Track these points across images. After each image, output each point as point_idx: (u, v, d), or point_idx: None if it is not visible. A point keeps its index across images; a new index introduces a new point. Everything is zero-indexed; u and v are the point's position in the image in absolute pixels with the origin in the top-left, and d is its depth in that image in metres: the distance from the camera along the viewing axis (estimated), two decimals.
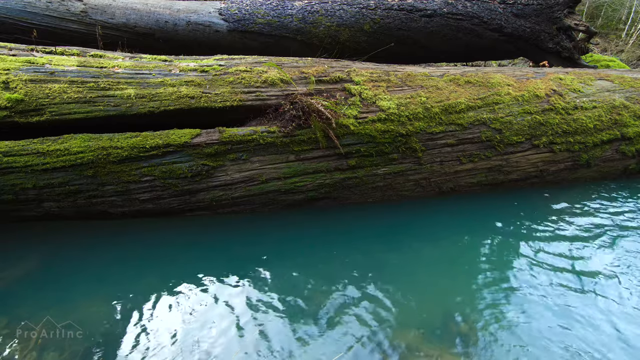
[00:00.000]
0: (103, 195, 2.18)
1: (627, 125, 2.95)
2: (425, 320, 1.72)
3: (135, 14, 3.72)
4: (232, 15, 3.83)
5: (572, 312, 1.79)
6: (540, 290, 1.92)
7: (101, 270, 2.02)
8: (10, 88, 2.07)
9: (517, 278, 2.00)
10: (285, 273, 2.01)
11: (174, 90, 2.29)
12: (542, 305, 1.83)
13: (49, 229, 2.30)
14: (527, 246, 2.26)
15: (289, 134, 2.33)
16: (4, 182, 2.03)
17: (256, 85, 2.42)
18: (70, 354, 1.53)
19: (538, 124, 2.74)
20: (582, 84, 3.05)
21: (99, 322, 1.68)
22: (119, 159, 2.13)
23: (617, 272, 2.06)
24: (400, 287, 1.92)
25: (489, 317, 1.75)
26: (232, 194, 2.34)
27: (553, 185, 2.93)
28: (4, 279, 1.92)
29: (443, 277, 2.02)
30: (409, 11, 3.93)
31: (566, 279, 2.00)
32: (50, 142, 2.08)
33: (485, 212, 2.64)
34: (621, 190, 2.93)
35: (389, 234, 2.39)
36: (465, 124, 2.60)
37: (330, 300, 1.83)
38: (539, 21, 4.01)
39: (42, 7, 3.51)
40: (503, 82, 2.84)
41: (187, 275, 1.98)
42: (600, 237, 2.36)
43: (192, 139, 2.22)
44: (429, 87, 2.68)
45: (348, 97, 2.51)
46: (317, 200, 2.51)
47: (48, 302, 1.79)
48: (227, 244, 2.27)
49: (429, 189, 2.67)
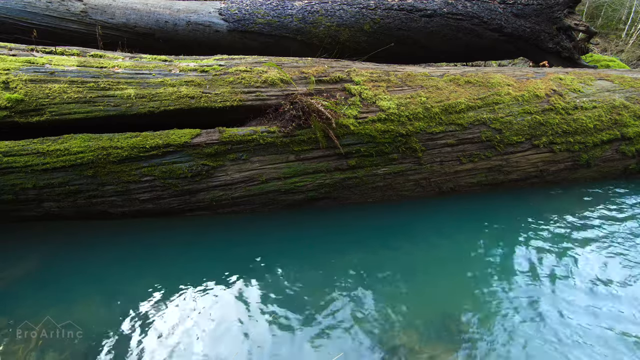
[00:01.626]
0: (103, 195, 2.18)
1: (627, 125, 2.95)
2: (424, 321, 1.72)
3: (135, 14, 3.72)
4: (232, 15, 3.83)
5: (572, 312, 1.79)
6: (541, 290, 1.92)
7: (101, 270, 2.02)
8: (10, 88, 2.07)
9: (517, 278, 2.00)
10: (285, 273, 2.01)
11: (174, 90, 2.29)
12: (542, 305, 1.83)
13: (49, 229, 2.30)
14: (527, 246, 2.26)
15: (289, 134, 2.33)
16: (4, 182, 2.03)
17: (256, 85, 2.42)
18: (70, 354, 1.53)
19: (538, 124, 2.74)
20: (582, 84, 3.05)
21: (99, 322, 1.68)
22: (119, 159, 2.13)
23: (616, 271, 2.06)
24: (400, 287, 1.92)
25: (489, 318, 1.75)
26: (232, 194, 2.34)
27: (553, 185, 2.93)
28: (4, 279, 1.92)
29: (443, 277, 2.02)
30: (409, 11, 3.93)
31: (566, 279, 2.00)
32: (50, 142, 2.08)
33: (485, 212, 2.64)
34: (621, 190, 2.93)
35: (389, 234, 2.39)
36: (465, 124, 2.60)
37: (330, 300, 1.83)
38: (539, 21, 4.00)
39: (42, 7, 3.50)
40: (503, 82, 2.84)
41: (187, 275, 1.98)
42: (600, 237, 2.35)
43: (192, 139, 2.22)
44: (429, 87, 2.68)
45: (348, 97, 2.51)
46: (317, 200, 2.51)
47: (48, 302, 1.79)
48: (227, 244, 2.27)
49: (429, 189, 2.67)
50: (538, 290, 1.92)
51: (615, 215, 2.60)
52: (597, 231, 2.42)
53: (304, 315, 1.74)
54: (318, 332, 1.65)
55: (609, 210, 2.66)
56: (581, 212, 2.63)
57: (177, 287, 1.89)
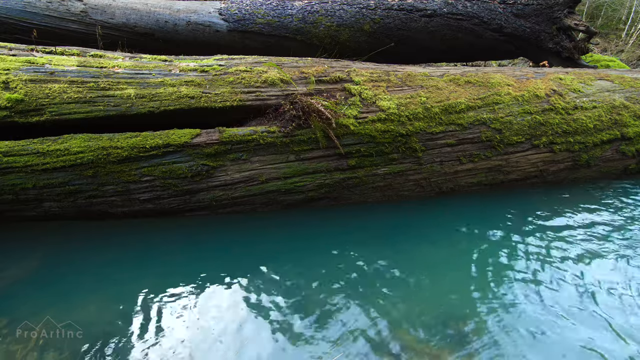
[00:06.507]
0: (103, 195, 2.18)
1: (627, 125, 2.95)
2: (424, 321, 1.72)
3: (135, 14, 3.72)
4: (232, 15, 3.83)
5: (572, 313, 1.79)
6: (541, 290, 1.92)
7: (101, 270, 2.02)
8: (10, 88, 2.07)
9: (517, 278, 2.00)
10: (285, 273, 2.01)
11: (174, 90, 2.29)
12: (543, 305, 1.83)
13: (49, 229, 2.30)
14: (527, 246, 2.26)
15: (289, 134, 2.33)
16: (4, 182, 2.03)
17: (256, 85, 2.42)
18: (70, 354, 1.53)
19: (538, 124, 2.74)
20: (582, 84, 3.05)
21: (99, 322, 1.68)
22: (119, 159, 2.13)
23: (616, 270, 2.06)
24: (400, 287, 1.92)
25: (489, 318, 1.75)
26: (232, 194, 2.34)
27: (553, 185, 2.93)
28: (4, 279, 1.92)
29: (443, 277, 2.02)
30: (409, 11, 3.93)
31: (567, 278, 2.00)
32: (50, 142, 2.08)
33: (485, 212, 2.64)
34: (621, 190, 2.93)
35: (388, 234, 2.39)
36: (465, 124, 2.60)
37: (330, 300, 1.83)
38: (539, 21, 4.01)
39: (42, 7, 3.51)
40: (503, 82, 2.84)
41: (187, 275, 1.98)
42: (600, 237, 2.35)
43: (192, 139, 2.22)
44: (429, 87, 2.68)
45: (348, 97, 2.51)
46: (317, 200, 2.51)
47: (48, 302, 1.79)
48: (227, 243, 2.27)
49: (429, 189, 2.67)
50: (539, 291, 1.92)
51: (615, 215, 2.60)
52: (598, 231, 2.42)
53: (304, 315, 1.74)
54: (318, 332, 1.65)
55: (609, 210, 2.66)
56: (581, 212, 2.63)
57: (177, 287, 1.89)
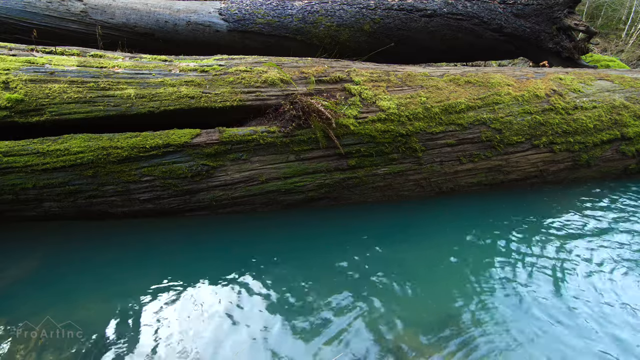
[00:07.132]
0: (103, 195, 2.18)
1: (627, 125, 2.95)
2: (424, 321, 1.72)
3: (135, 14, 3.72)
4: (232, 15, 3.83)
5: (573, 313, 1.79)
6: (541, 290, 1.92)
7: (101, 270, 2.02)
8: (10, 88, 2.07)
9: (517, 278, 2.00)
10: (285, 273, 2.01)
11: (174, 90, 2.29)
12: (543, 305, 1.83)
13: (49, 229, 2.30)
14: (527, 246, 2.26)
15: (289, 134, 2.33)
16: (4, 182, 2.03)
17: (256, 85, 2.42)
18: (70, 354, 1.53)
19: (538, 124, 2.74)
20: (582, 84, 3.05)
21: (99, 322, 1.68)
22: (119, 159, 2.13)
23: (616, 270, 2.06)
24: (401, 286, 1.92)
25: (489, 318, 1.75)
26: (232, 194, 2.34)
27: (553, 185, 2.93)
28: (4, 279, 1.92)
29: (443, 277, 2.02)
30: (409, 11, 3.93)
31: (567, 278, 2.00)
32: (50, 142, 2.08)
33: (485, 212, 2.64)
34: (621, 190, 2.93)
35: (388, 234, 2.39)
36: (465, 124, 2.60)
37: (330, 300, 1.83)
38: (539, 21, 4.01)
39: (42, 7, 3.50)
40: (503, 82, 2.84)
41: (187, 275, 1.98)
42: (600, 237, 2.35)
43: (192, 139, 2.22)
44: (429, 87, 2.68)
45: (348, 97, 2.51)
46: (317, 200, 2.51)
47: (48, 302, 1.79)
48: (227, 243, 2.27)
49: (429, 189, 2.67)
50: (539, 291, 1.92)
51: (615, 215, 2.60)
52: (598, 231, 2.42)
53: (304, 315, 1.74)
54: (318, 332, 1.65)
55: (609, 210, 2.66)
56: (581, 212, 2.63)
57: (177, 287, 1.89)
